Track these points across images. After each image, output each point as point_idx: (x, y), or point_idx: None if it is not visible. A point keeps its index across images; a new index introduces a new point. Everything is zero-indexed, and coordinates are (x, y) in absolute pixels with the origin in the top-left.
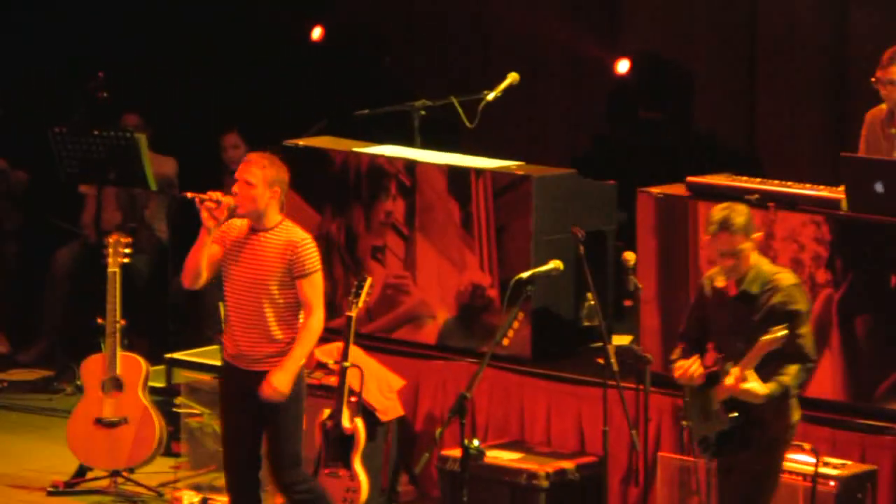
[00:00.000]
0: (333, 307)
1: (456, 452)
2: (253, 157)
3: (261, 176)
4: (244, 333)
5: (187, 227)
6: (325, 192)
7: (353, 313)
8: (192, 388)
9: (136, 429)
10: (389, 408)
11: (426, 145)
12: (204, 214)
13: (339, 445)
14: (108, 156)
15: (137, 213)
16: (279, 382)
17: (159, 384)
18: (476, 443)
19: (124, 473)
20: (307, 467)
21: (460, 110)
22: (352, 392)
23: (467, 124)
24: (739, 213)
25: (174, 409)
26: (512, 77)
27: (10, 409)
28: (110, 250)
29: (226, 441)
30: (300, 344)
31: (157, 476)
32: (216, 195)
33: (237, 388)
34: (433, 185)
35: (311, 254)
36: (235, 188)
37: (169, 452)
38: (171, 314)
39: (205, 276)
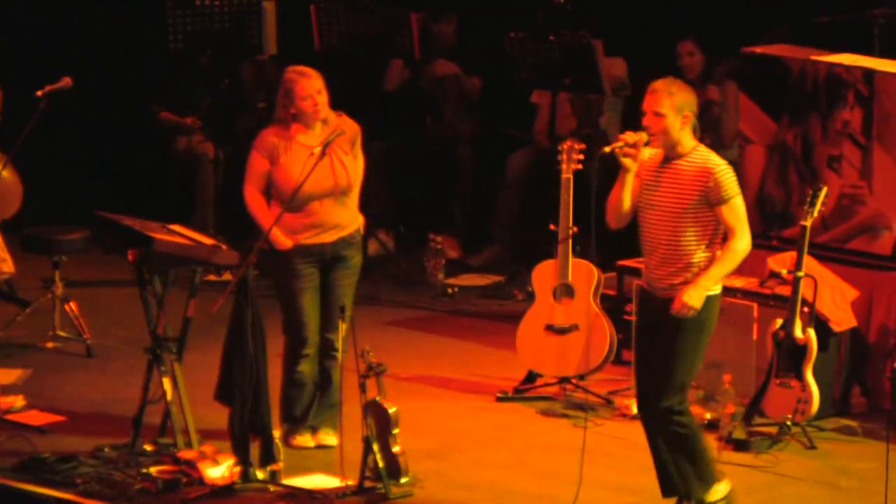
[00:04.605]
0: (787, 216)
1: None
2: (659, 86)
3: (669, 104)
4: (660, 262)
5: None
6: (782, 100)
7: (808, 223)
8: None
9: (586, 336)
10: (842, 318)
11: (885, 54)
12: (624, 161)
13: (791, 355)
14: (564, 61)
15: (592, 119)
16: (690, 298)
17: (610, 291)
18: None
19: (573, 380)
20: (759, 377)
21: None
22: (805, 302)
23: None
24: None
25: (625, 317)
26: None
27: (461, 314)
28: (564, 156)
29: (637, 365)
30: (719, 263)
31: (606, 383)
32: (630, 137)
33: (650, 314)
34: (892, 94)
35: (729, 179)
36: (645, 121)
37: (619, 360)
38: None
39: (629, 214)
